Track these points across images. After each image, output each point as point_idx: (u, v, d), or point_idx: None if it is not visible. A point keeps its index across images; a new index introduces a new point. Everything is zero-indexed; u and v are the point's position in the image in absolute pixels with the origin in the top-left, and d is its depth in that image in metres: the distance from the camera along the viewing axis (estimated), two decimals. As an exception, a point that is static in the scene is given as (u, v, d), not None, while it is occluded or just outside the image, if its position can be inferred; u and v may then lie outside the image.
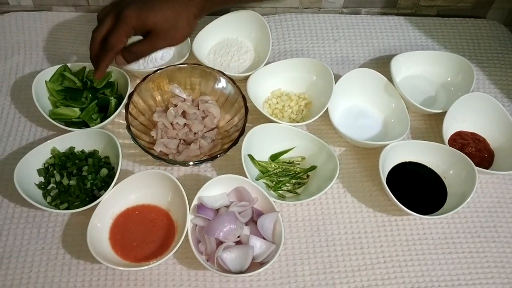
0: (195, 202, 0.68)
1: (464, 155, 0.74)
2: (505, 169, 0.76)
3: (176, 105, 0.78)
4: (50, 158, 0.73)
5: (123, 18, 0.65)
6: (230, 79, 0.77)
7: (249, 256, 0.63)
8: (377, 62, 0.91)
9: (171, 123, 0.76)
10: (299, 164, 0.77)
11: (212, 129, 0.78)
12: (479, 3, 1.00)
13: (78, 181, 0.71)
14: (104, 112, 0.78)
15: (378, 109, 0.84)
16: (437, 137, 0.80)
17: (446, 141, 0.78)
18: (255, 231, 0.66)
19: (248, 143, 0.73)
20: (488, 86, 0.91)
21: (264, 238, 0.66)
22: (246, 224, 0.67)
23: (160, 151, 0.74)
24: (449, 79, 0.88)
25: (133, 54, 0.70)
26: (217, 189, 0.70)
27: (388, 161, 0.75)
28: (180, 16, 0.68)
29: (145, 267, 0.64)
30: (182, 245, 0.64)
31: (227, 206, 0.69)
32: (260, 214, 0.68)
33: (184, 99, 0.79)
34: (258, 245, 0.64)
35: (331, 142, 0.79)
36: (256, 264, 0.64)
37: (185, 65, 0.78)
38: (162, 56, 0.86)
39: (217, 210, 0.69)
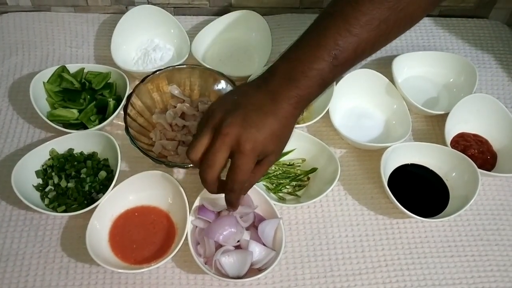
0: (196, 203, 0.67)
1: (467, 157, 0.73)
2: (508, 172, 0.75)
3: (175, 107, 0.77)
4: (49, 159, 0.72)
5: (246, 154, 0.53)
6: (230, 80, 0.76)
7: (248, 261, 0.62)
8: (378, 62, 0.90)
9: (170, 125, 0.76)
10: (299, 166, 0.76)
11: (212, 130, 0.77)
12: (482, 3, 0.99)
13: (76, 183, 0.70)
14: (103, 113, 0.77)
15: (380, 110, 0.83)
16: (439, 138, 0.80)
17: (449, 142, 0.77)
18: (255, 236, 0.66)
19: (248, 145, 0.72)
20: (491, 87, 0.90)
21: (264, 244, 0.65)
22: (247, 229, 0.66)
23: (159, 153, 0.74)
24: (451, 80, 0.87)
25: (253, 184, 0.59)
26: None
27: (390, 163, 0.75)
28: (291, 129, 0.57)
29: (144, 270, 0.63)
30: (181, 248, 0.63)
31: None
32: (261, 219, 0.68)
33: (183, 100, 0.78)
34: (257, 251, 0.64)
35: (332, 144, 0.79)
36: (254, 270, 0.64)
37: (184, 66, 0.77)
38: (161, 57, 0.85)
39: (219, 212, 0.68)
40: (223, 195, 0.69)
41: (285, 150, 0.75)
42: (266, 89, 0.55)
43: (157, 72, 0.75)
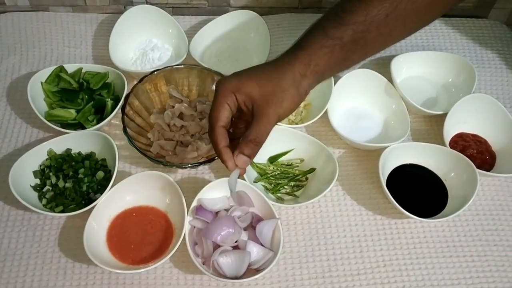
0: (194, 203, 0.67)
1: (465, 157, 0.73)
2: (507, 172, 0.75)
3: (173, 107, 0.77)
4: (46, 159, 0.72)
5: (219, 89, 0.55)
6: (228, 80, 0.76)
7: (245, 262, 0.62)
8: (377, 62, 0.90)
9: (168, 125, 0.76)
10: (298, 166, 0.76)
11: (210, 130, 0.77)
12: (481, 3, 0.99)
13: (74, 183, 0.70)
14: (101, 113, 0.77)
15: (378, 110, 0.83)
16: (438, 139, 0.80)
17: (447, 143, 0.77)
18: (253, 237, 0.65)
19: (246, 145, 0.72)
20: (490, 87, 0.90)
21: (262, 245, 0.65)
22: (245, 229, 0.66)
23: (157, 153, 0.73)
24: (450, 80, 0.87)
25: (251, 142, 0.55)
26: (216, 192, 0.69)
27: (388, 163, 0.74)
28: (287, 81, 0.54)
29: (142, 270, 0.63)
30: (179, 248, 0.63)
31: (227, 210, 0.68)
32: (259, 219, 0.68)
33: (181, 100, 0.78)
34: (255, 252, 0.64)
35: (330, 144, 0.78)
36: (252, 271, 0.64)
37: (183, 66, 0.77)
38: (160, 57, 0.85)
39: (217, 213, 0.68)
40: (221, 195, 0.69)
41: (284, 150, 0.77)
42: (272, 61, 0.56)
43: (155, 72, 0.75)
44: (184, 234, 0.64)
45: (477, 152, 0.78)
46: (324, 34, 0.54)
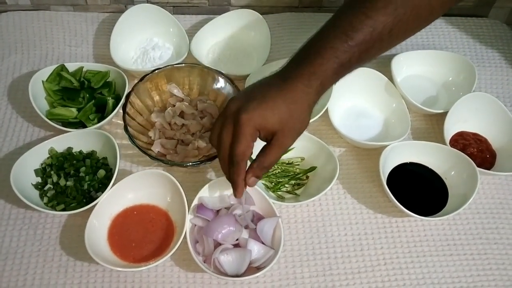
0: (195, 202, 0.67)
1: (466, 156, 0.73)
2: (507, 170, 0.75)
3: (174, 105, 0.77)
4: (48, 158, 0.72)
5: (242, 124, 0.54)
6: (229, 79, 0.76)
7: (246, 260, 0.62)
8: (377, 61, 0.90)
9: (169, 123, 0.76)
10: (298, 164, 0.76)
11: (211, 129, 0.77)
12: (481, 2, 0.99)
13: (75, 182, 0.70)
14: (102, 112, 0.77)
15: (379, 109, 0.83)
16: (438, 137, 0.80)
17: (448, 141, 0.77)
18: (254, 235, 0.65)
19: (247, 144, 0.72)
20: (490, 86, 0.90)
21: (263, 243, 0.65)
22: (246, 227, 0.66)
23: (158, 151, 0.73)
24: (450, 78, 0.87)
25: (266, 168, 0.58)
26: (217, 190, 0.69)
27: (389, 162, 0.74)
28: (299, 106, 0.55)
29: (143, 268, 0.63)
30: (180, 246, 0.63)
31: (228, 208, 0.68)
32: (260, 218, 0.68)
33: (182, 99, 0.78)
34: (256, 250, 0.64)
35: (331, 143, 0.78)
36: (253, 269, 0.64)
37: (184, 64, 0.77)
38: (160, 56, 0.85)
39: (217, 211, 0.68)
40: (222, 194, 0.69)
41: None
42: (279, 72, 0.56)
43: (156, 71, 0.75)
44: (185, 232, 0.64)
45: (477, 150, 0.78)
46: (335, 56, 0.54)
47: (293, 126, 0.56)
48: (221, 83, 0.77)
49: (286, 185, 0.74)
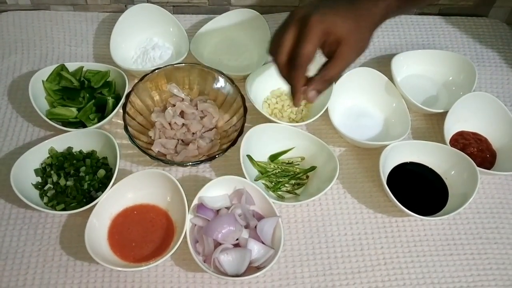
0: (195, 201, 0.67)
1: (466, 156, 0.73)
2: (508, 170, 0.75)
3: (174, 105, 0.77)
4: (48, 158, 0.72)
5: (311, 25, 0.53)
6: (229, 79, 0.76)
7: (246, 259, 0.62)
8: (377, 61, 0.90)
9: (169, 123, 0.76)
10: (298, 164, 0.76)
11: (211, 129, 0.77)
12: (481, 2, 0.99)
13: (75, 181, 0.70)
14: (102, 112, 0.77)
15: (379, 108, 0.83)
16: (438, 137, 0.80)
17: (448, 141, 0.77)
18: (254, 234, 0.65)
19: (247, 143, 0.72)
20: (490, 85, 0.90)
21: (263, 243, 0.65)
22: (246, 227, 0.66)
23: (158, 151, 0.74)
24: (450, 78, 0.87)
25: (328, 81, 0.58)
26: (217, 190, 0.69)
27: (389, 161, 0.74)
28: (365, 23, 0.56)
29: (143, 268, 0.63)
30: (180, 246, 0.63)
31: (228, 208, 0.68)
32: (260, 217, 0.68)
33: (183, 99, 0.78)
34: (256, 249, 0.64)
35: (331, 142, 0.78)
36: (253, 268, 0.64)
37: (184, 64, 0.77)
38: (160, 56, 0.85)
39: (217, 211, 0.68)
40: (222, 193, 0.69)
41: (284, 148, 0.77)
42: None
43: (156, 71, 0.75)
44: (185, 232, 0.64)
45: (477, 150, 0.78)
46: None
47: (359, 39, 0.56)
48: (221, 82, 0.77)
49: (286, 185, 0.74)
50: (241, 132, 0.71)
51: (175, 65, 0.77)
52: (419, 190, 0.75)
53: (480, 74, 0.89)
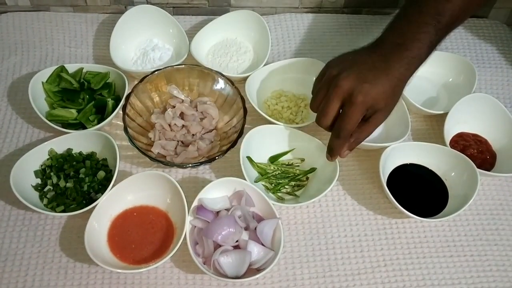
0: (195, 203, 0.67)
1: (466, 157, 0.73)
2: (508, 171, 0.75)
3: (174, 106, 0.77)
4: (48, 159, 0.72)
5: (356, 103, 0.60)
6: (229, 80, 0.76)
7: (246, 261, 0.62)
8: (377, 62, 0.90)
9: (169, 125, 0.76)
10: (298, 166, 0.76)
11: (211, 130, 0.77)
12: (481, 3, 0.99)
13: (75, 183, 0.70)
14: (102, 113, 0.77)
15: (379, 110, 0.83)
16: (438, 138, 0.80)
17: (448, 142, 0.77)
18: (254, 236, 0.65)
19: (247, 145, 0.72)
20: (490, 87, 0.90)
21: (262, 244, 0.65)
22: (246, 228, 0.66)
23: (158, 153, 0.73)
24: (450, 79, 0.87)
25: (360, 142, 0.67)
26: (216, 192, 0.69)
27: (389, 163, 0.74)
28: (400, 88, 0.63)
29: (143, 270, 0.63)
30: (180, 248, 0.63)
31: (228, 209, 0.68)
32: (260, 219, 0.68)
33: (182, 100, 0.78)
34: (256, 251, 0.64)
35: (331, 144, 0.78)
36: (253, 270, 0.64)
37: (183, 65, 0.77)
38: (160, 57, 0.85)
39: (217, 212, 0.68)
40: (222, 195, 0.69)
41: (284, 149, 0.77)
42: (379, 53, 0.62)
43: (156, 72, 0.75)
44: (185, 234, 0.64)
45: (477, 151, 0.78)
46: (429, 41, 0.61)
47: (393, 105, 0.64)
48: (221, 84, 0.77)
49: (286, 187, 0.74)
50: (241, 134, 0.71)
51: (175, 67, 0.77)
52: (419, 191, 0.74)
53: (480, 75, 0.88)
